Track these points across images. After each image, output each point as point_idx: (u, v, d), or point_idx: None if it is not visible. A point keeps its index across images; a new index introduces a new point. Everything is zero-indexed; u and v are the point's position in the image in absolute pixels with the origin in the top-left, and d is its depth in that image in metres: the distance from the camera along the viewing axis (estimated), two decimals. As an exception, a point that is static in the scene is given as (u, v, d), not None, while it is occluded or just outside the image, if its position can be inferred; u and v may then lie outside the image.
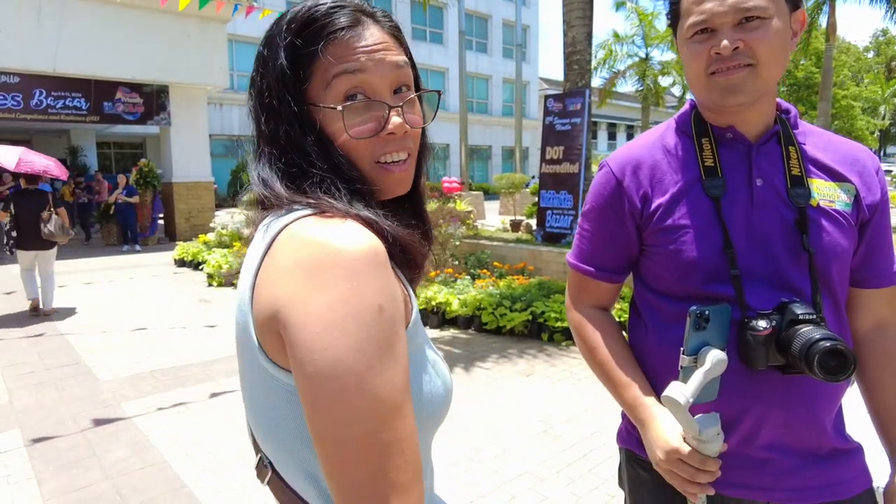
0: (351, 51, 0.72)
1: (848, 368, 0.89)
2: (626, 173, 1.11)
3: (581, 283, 1.21)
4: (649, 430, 1.05)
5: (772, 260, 1.01)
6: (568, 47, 7.69)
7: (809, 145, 1.08)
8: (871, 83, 32.21)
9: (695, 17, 0.99)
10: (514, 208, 15.13)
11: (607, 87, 26.19)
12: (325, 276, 0.60)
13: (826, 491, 1.03)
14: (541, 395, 4.18)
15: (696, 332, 0.93)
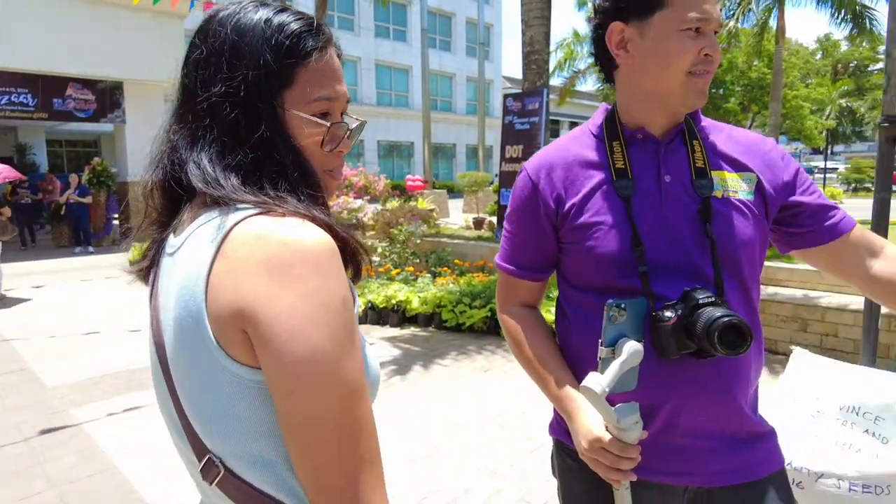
0: (333, 73, 0.78)
1: (746, 341, 0.94)
2: (540, 176, 1.16)
3: (507, 283, 1.27)
4: (574, 421, 1.09)
5: (679, 250, 1.07)
6: (526, 47, 7.78)
7: (712, 139, 1.15)
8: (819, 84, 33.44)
9: (696, 14, 1.02)
10: (478, 206, 15.21)
11: (568, 85, 26.51)
12: (294, 272, 0.63)
13: (744, 472, 1.09)
14: (499, 390, 4.25)
15: (613, 325, 0.98)
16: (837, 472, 1.74)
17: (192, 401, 0.71)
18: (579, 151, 1.17)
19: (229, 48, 0.74)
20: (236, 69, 0.73)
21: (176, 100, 0.79)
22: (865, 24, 16.35)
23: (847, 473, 1.74)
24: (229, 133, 0.73)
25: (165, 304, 0.74)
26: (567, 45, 24.60)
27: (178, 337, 0.70)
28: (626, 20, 1.07)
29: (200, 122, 0.74)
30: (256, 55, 0.73)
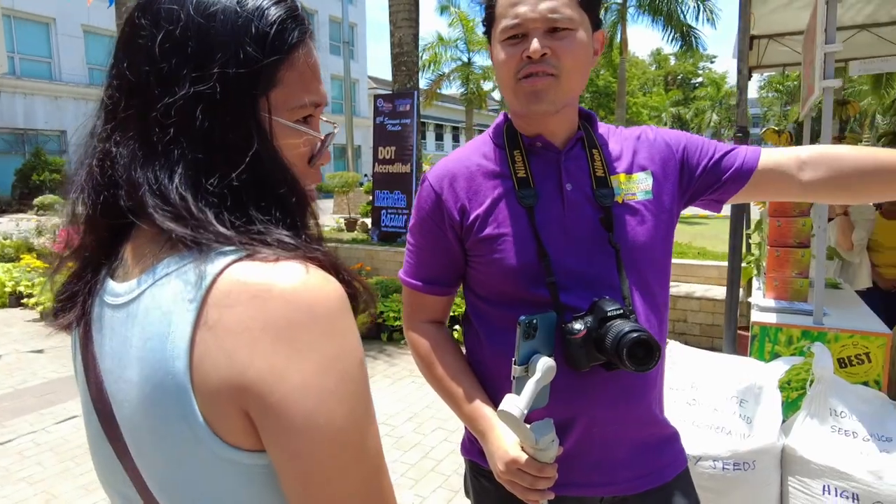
0: (317, 72, 0.64)
1: (654, 357, 0.94)
2: (443, 187, 1.12)
3: (414, 299, 1.21)
4: (489, 442, 1.06)
5: (585, 260, 1.06)
6: (395, 48, 7.75)
7: (610, 144, 1.15)
8: (655, 94, 37.31)
9: (508, 21, 1.02)
10: (349, 207, 14.94)
11: (433, 88, 27.01)
12: (304, 337, 0.52)
13: (656, 476, 1.11)
14: (383, 395, 4.16)
15: (526, 341, 0.95)
16: (713, 453, 1.89)
17: (166, 489, 0.58)
18: (481, 161, 1.14)
19: (195, 35, 0.57)
20: (208, 64, 0.57)
21: (109, 97, 0.61)
22: (692, 42, 18.45)
23: (721, 454, 1.89)
24: (203, 147, 0.57)
25: (116, 373, 0.58)
26: (432, 48, 25.03)
27: (145, 416, 0.56)
28: (490, 42, 1.11)
29: (161, 133, 0.56)
30: (233, 47, 0.57)
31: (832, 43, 1.99)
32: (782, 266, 2.51)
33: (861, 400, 1.96)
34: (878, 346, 2.13)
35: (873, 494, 1.77)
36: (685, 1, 17.84)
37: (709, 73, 43.27)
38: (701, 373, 2.10)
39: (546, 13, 1.00)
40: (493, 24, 1.07)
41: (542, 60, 1.01)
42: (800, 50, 4.50)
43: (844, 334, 2.16)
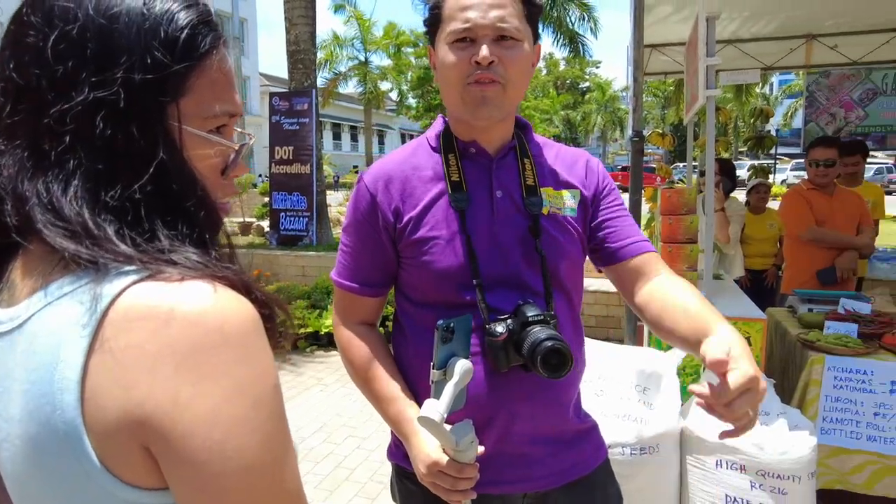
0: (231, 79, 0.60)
1: (566, 366, 0.97)
2: (378, 188, 1.13)
3: (346, 300, 1.20)
4: (412, 446, 1.07)
5: (511, 265, 1.09)
6: (291, 45, 7.51)
7: (542, 157, 1.19)
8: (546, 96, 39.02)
9: (458, 24, 1.03)
10: (243, 209, 14.27)
11: (330, 87, 26.53)
12: (211, 363, 0.48)
13: (575, 469, 1.16)
14: (290, 407, 4.01)
15: (444, 345, 0.98)
16: (621, 441, 2.00)
17: None
18: (417, 164, 1.15)
19: (95, 37, 0.52)
20: (110, 68, 0.52)
21: None
22: (579, 48, 19.47)
23: (628, 441, 2.00)
24: (103, 157, 0.52)
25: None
26: (327, 47, 24.56)
27: (30, 457, 0.50)
28: (432, 44, 1.12)
29: (54, 141, 0.52)
30: (140, 51, 0.53)
31: (712, 56, 2.19)
32: (674, 261, 2.70)
33: (744, 381, 2.15)
34: (756, 330, 2.37)
35: (756, 464, 1.95)
36: (571, 9, 18.79)
37: (595, 77, 45.94)
38: (607, 364, 2.21)
39: (496, 21, 1.02)
40: (438, 26, 1.08)
41: (489, 68, 1.02)
42: (679, 59, 4.89)
43: (729, 321, 2.36)
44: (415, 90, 24.15)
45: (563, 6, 18.69)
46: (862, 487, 2.30)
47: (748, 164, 24.62)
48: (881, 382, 2.26)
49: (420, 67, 23.38)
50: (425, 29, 1.13)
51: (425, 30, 1.14)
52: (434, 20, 1.09)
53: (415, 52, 25.15)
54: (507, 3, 1.03)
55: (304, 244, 7.55)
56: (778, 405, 2.11)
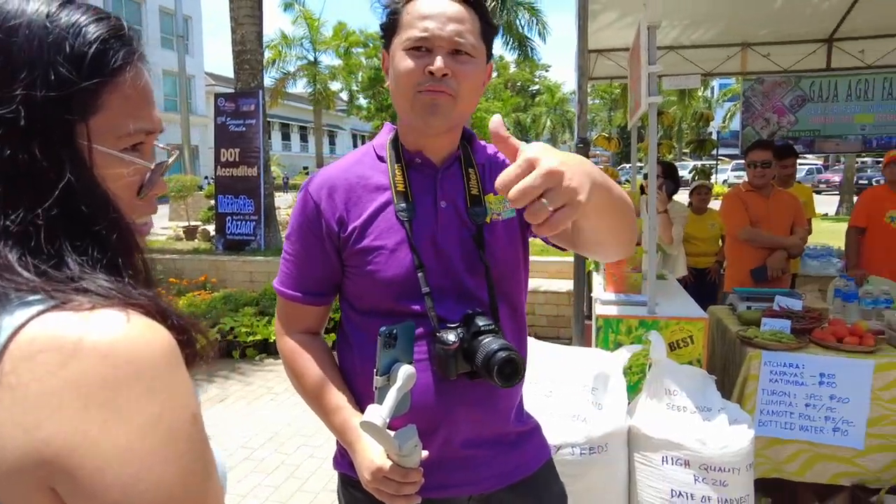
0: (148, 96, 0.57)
1: (519, 374, 1.01)
2: (322, 197, 1.12)
3: (289, 309, 1.20)
4: (356, 453, 1.08)
5: (456, 275, 1.10)
6: (238, 45, 7.34)
7: (485, 164, 1.20)
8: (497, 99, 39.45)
9: (416, 32, 1.03)
10: (188, 213, 13.83)
11: (278, 87, 26.06)
12: (123, 397, 0.45)
13: (518, 470, 1.18)
14: (240, 418, 3.91)
15: (386, 351, 0.99)
16: (571, 441, 2.03)
17: None
18: (363, 172, 1.14)
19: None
20: (9, 85, 0.49)
21: None
22: (528, 52, 19.77)
23: (578, 441, 2.04)
24: (4, 180, 0.50)
25: None
26: (275, 47, 24.11)
27: None
28: (387, 47, 1.11)
29: None
30: (42, 67, 0.49)
31: (654, 65, 2.26)
32: (619, 262, 2.78)
33: (688, 378, 2.23)
34: (698, 329, 2.45)
35: (700, 458, 2.02)
36: (521, 13, 19.08)
37: (544, 80, 46.74)
38: (556, 366, 2.24)
39: (453, 35, 1.03)
40: (395, 31, 1.08)
41: (442, 80, 1.03)
42: (624, 64, 5.03)
43: (673, 321, 2.45)
44: (366, 91, 23.97)
45: (513, 10, 18.94)
46: (795, 475, 2.41)
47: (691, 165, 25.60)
48: (811, 375, 2.38)
49: (371, 68, 23.21)
50: (381, 32, 1.13)
51: (381, 33, 1.13)
52: (391, 25, 1.09)
53: (365, 53, 24.96)
54: (466, 18, 1.05)
55: (251, 249, 7.38)
56: (719, 401, 2.19)
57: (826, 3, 4.76)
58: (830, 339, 2.45)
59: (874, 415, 2.33)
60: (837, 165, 24.70)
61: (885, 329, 2.53)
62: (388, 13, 1.10)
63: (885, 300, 2.84)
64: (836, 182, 22.51)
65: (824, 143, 5.76)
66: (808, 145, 5.77)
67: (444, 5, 1.04)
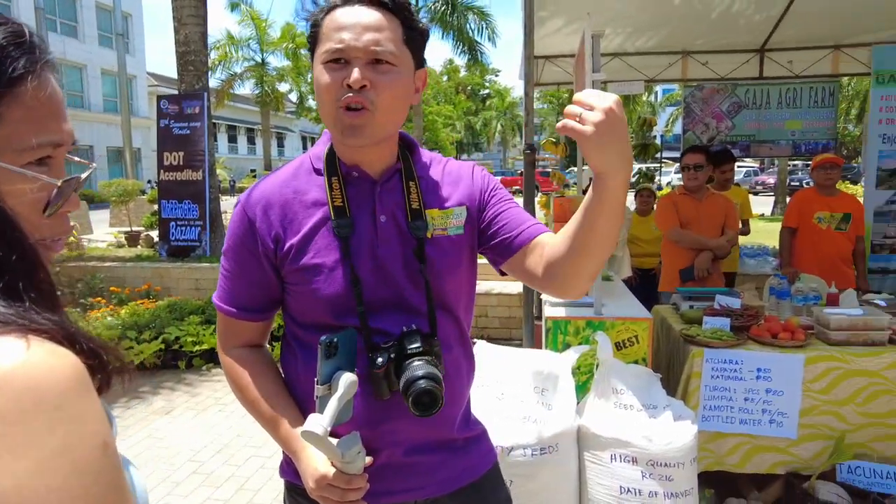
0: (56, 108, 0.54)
1: (436, 406, 1.00)
2: (257, 213, 1.10)
3: (228, 325, 1.18)
4: (300, 461, 1.07)
5: (395, 289, 1.10)
6: (181, 46, 7.11)
7: (429, 177, 1.17)
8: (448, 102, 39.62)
9: (332, 44, 1.01)
10: (130, 219, 13.30)
11: (224, 88, 25.42)
12: (21, 430, 0.41)
13: (464, 475, 1.19)
14: (187, 429, 3.78)
15: (328, 360, 0.99)
16: (522, 442, 2.06)
17: None
18: (299, 187, 1.12)
19: None
20: None
21: None
22: (477, 56, 19.94)
23: (529, 442, 2.07)
24: None
25: None
26: (222, 47, 23.51)
27: None
28: (313, 60, 1.08)
29: None
30: None
31: (598, 72, 2.32)
32: (567, 265, 2.83)
33: (634, 376, 2.29)
34: (643, 328, 2.53)
35: (646, 455, 2.08)
36: (471, 17, 19.22)
37: (494, 85, 47.25)
38: (506, 368, 2.27)
39: (369, 44, 1.00)
40: (316, 45, 1.06)
41: (360, 92, 1.00)
42: (570, 70, 5.14)
43: (618, 322, 2.52)
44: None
45: (463, 14, 19.08)
46: (736, 466, 2.52)
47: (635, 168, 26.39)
48: (749, 370, 2.50)
49: (320, 70, 22.90)
50: (308, 46, 1.11)
51: (308, 48, 1.11)
52: (313, 37, 1.07)
53: (315, 55, 24.60)
54: (384, 26, 1.02)
55: (197, 255, 7.17)
56: (664, 398, 2.27)
57: (757, 15, 5.00)
58: (766, 335, 2.57)
59: (805, 405, 2.46)
60: (772, 168, 26.00)
61: (813, 324, 2.67)
62: (310, 26, 1.08)
63: (814, 297, 3.01)
64: (771, 184, 23.69)
65: (759, 147, 6.05)
66: (744, 149, 6.05)
67: (360, 14, 1.01)
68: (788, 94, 5.81)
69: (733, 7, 4.80)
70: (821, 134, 5.83)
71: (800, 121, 5.83)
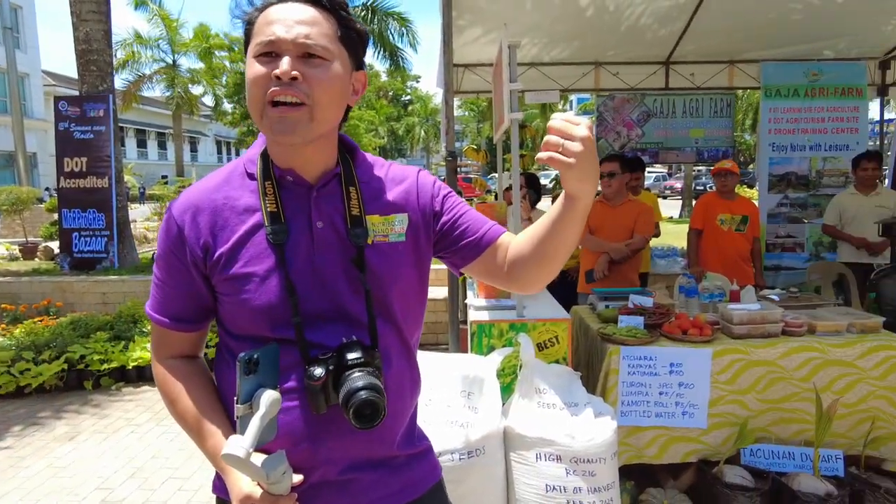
0: None
1: (378, 417, 0.96)
2: (185, 221, 1.05)
3: (161, 335, 1.13)
4: (227, 479, 1.03)
5: (334, 299, 1.05)
6: (82, 44, 6.66)
7: (371, 181, 1.13)
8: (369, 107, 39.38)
9: (262, 37, 0.99)
10: (25, 229, 12.26)
11: (132, 90, 24.03)
12: None
13: (406, 492, 1.13)
14: (97, 454, 3.52)
15: (247, 378, 0.95)
16: (450, 447, 2.07)
17: None
18: (230, 192, 1.07)
19: None
20: None
21: None
22: (399, 62, 19.94)
23: (456, 447, 2.08)
24: None
25: None
26: (128, 46, 22.23)
27: None
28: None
29: None
30: None
31: (514, 82, 2.38)
32: (491, 269, 2.88)
33: (555, 375, 2.37)
34: (563, 329, 2.61)
35: (570, 452, 2.15)
36: (391, 23, 19.19)
37: (415, 91, 47.43)
38: (432, 373, 2.28)
39: (300, 37, 0.98)
40: (249, 41, 1.03)
41: (291, 84, 0.97)
42: (489, 79, 5.24)
43: (540, 323, 2.59)
44: (231, 96, 22.80)
45: (384, 19, 19.02)
46: (655, 458, 2.65)
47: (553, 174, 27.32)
48: (663, 365, 2.64)
49: (236, 72, 22.13)
50: (244, 45, 1.08)
51: (244, 46, 1.08)
52: (247, 35, 1.04)
53: (230, 56, 23.77)
54: (316, 21, 1.00)
55: (103, 267, 6.72)
56: (584, 395, 2.35)
57: (662, 30, 5.32)
58: (677, 331, 2.73)
59: (713, 396, 2.63)
60: (679, 174, 27.65)
61: (719, 319, 2.87)
62: (244, 24, 1.05)
63: (719, 294, 3.22)
64: (678, 188, 25.19)
65: (667, 154, 6.43)
66: (653, 156, 6.40)
67: (294, 10, 1.00)
68: (691, 104, 6.21)
69: (640, 21, 5.07)
70: (720, 142, 6.28)
71: (702, 129, 6.25)
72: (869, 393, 2.66)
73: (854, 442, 2.66)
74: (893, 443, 2.64)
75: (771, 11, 4.85)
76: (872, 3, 4.78)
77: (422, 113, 43.97)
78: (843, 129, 5.46)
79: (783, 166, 5.51)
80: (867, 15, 5.03)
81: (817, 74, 5.39)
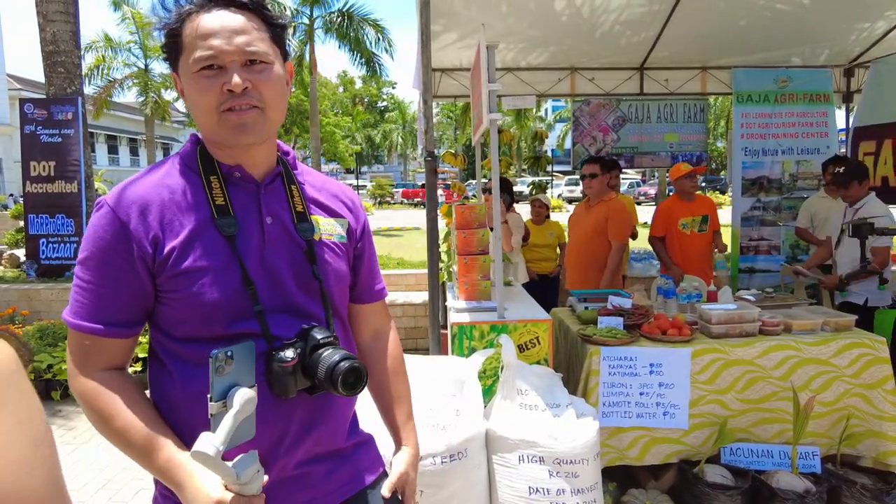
0: None
1: (363, 382, 1.03)
2: (132, 215, 1.01)
3: (90, 345, 1.03)
4: (188, 491, 0.96)
5: (287, 291, 1.08)
6: (48, 45, 6.49)
7: (308, 185, 1.19)
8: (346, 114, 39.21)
9: (202, 52, 1.00)
10: (-11, 237, 11.92)
11: (103, 95, 23.56)
12: None
13: (355, 482, 1.19)
14: (64, 468, 3.36)
15: (221, 376, 0.92)
16: (431, 451, 2.04)
17: None
18: (173, 186, 1.06)
19: None
20: None
21: None
22: (375, 68, 19.92)
23: (438, 450, 2.05)
24: None
25: None
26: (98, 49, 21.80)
27: None
28: (174, 69, 1.07)
29: None
30: None
31: (493, 83, 2.38)
32: (470, 271, 2.87)
33: (537, 377, 2.35)
34: (543, 330, 2.60)
35: (553, 454, 2.14)
36: (367, 30, 19.16)
37: (392, 97, 47.39)
38: (414, 377, 2.24)
39: (243, 46, 1.01)
40: (179, 55, 1.03)
41: (243, 94, 1.00)
42: (466, 84, 5.25)
43: (521, 324, 2.58)
44: (205, 102, 22.42)
45: (360, 26, 18.97)
46: (637, 459, 2.65)
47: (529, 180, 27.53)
48: (643, 366, 2.65)
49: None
50: (164, 55, 1.07)
51: (164, 56, 1.08)
52: (172, 48, 1.04)
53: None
54: (252, 27, 1.02)
55: (72, 274, 6.53)
56: (566, 396, 2.34)
57: (636, 37, 5.39)
58: (656, 332, 2.74)
59: (694, 397, 2.64)
60: (653, 180, 28.10)
61: (697, 319, 2.89)
62: (166, 35, 1.04)
63: (697, 294, 3.25)
64: (652, 195, 25.60)
65: (642, 158, 6.50)
66: (628, 161, 6.47)
67: (225, 19, 1.01)
68: (666, 109, 6.30)
69: (615, 28, 5.13)
70: (694, 146, 6.38)
71: (676, 134, 6.34)
72: (845, 391, 2.70)
73: (833, 441, 2.70)
74: (869, 440, 2.69)
75: (741, 19, 4.95)
76: (838, 12, 4.91)
77: (399, 120, 43.95)
78: (813, 134, 5.59)
79: (756, 170, 5.61)
80: (833, 24, 5.17)
81: (786, 81, 5.51)
